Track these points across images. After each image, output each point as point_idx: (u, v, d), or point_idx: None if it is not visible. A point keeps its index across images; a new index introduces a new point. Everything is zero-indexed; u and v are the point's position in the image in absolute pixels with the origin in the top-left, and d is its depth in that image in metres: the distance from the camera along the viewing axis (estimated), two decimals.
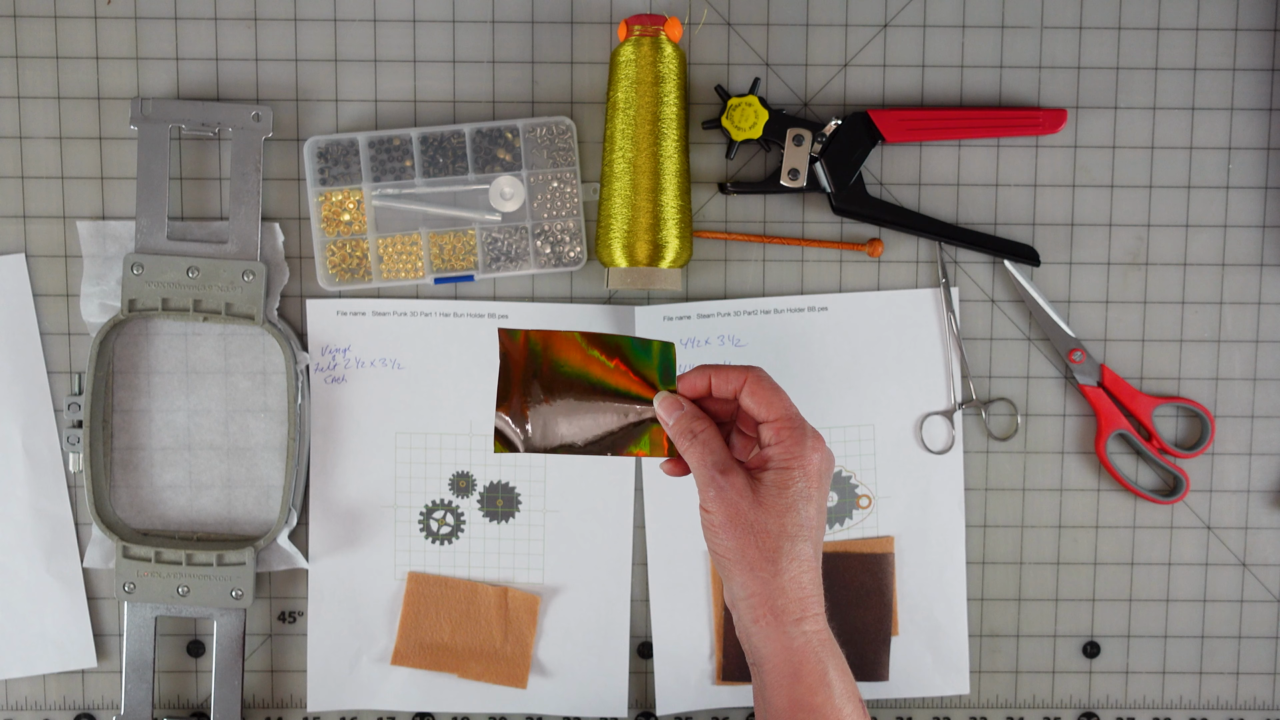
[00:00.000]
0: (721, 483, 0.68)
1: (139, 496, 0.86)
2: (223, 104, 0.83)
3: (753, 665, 0.70)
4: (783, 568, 0.68)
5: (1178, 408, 0.87)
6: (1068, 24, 0.84)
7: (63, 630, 0.85)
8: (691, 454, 0.70)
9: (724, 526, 0.68)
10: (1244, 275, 0.86)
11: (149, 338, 0.85)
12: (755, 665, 0.70)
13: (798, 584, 0.68)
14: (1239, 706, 0.88)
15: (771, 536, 0.67)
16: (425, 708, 0.86)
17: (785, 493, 0.68)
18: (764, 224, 0.85)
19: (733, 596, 0.70)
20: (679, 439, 0.71)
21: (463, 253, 0.84)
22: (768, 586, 0.68)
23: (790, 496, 0.68)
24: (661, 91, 0.80)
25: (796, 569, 0.68)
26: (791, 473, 0.68)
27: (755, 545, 0.67)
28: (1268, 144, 0.85)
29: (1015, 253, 0.84)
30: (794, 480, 0.68)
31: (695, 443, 0.70)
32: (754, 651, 0.70)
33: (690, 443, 0.70)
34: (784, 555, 0.68)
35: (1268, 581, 0.87)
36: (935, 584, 0.86)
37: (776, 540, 0.67)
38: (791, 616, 0.68)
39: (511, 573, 0.86)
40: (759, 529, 0.67)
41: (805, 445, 0.69)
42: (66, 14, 0.83)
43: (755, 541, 0.67)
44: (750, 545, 0.67)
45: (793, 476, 0.68)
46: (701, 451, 0.69)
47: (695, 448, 0.70)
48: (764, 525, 0.67)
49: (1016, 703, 0.88)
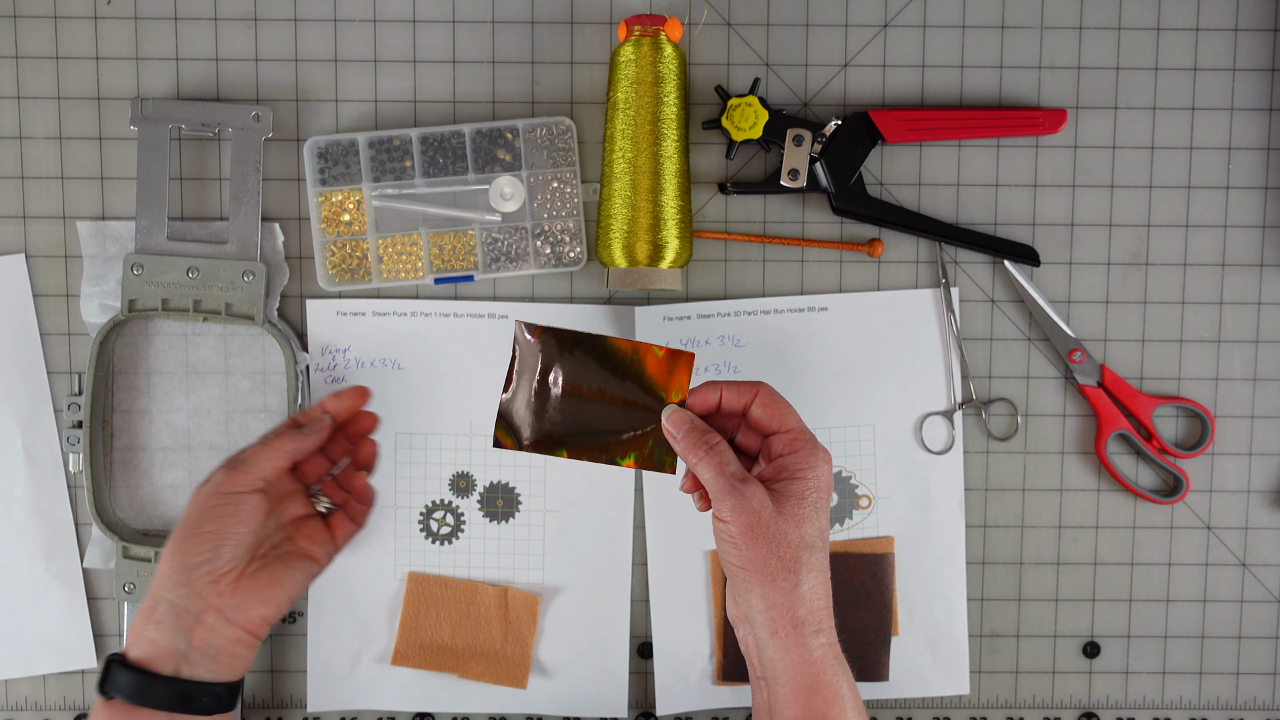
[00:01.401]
0: (743, 491, 0.67)
1: (139, 497, 0.86)
2: (223, 104, 0.83)
3: (761, 679, 0.69)
4: (803, 578, 0.67)
5: (1178, 408, 0.87)
6: (1068, 24, 0.84)
7: (63, 630, 0.85)
8: (708, 465, 0.69)
9: (744, 536, 0.67)
10: (1244, 275, 0.86)
11: (149, 338, 0.85)
12: (766, 679, 0.69)
13: (815, 594, 0.68)
14: (1239, 707, 0.88)
15: (791, 546, 0.67)
16: (425, 708, 0.86)
17: (803, 502, 0.68)
18: (764, 224, 0.85)
19: (749, 609, 0.68)
20: (690, 453, 0.70)
21: (463, 253, 0.84)
22: (789, 597, 0.67)
23: (807, 506, 0.68)
24: (661, 92, 0.80)
25: (815, 579, 0.68)
26: (807, 482, 0.68)
27: (776, 555, 0.67)
28: (1268, 144, 0.85)
29: (1015, 253, 0.84)
30: (810, 489, 0.68)
31: (711, 454, 0.69)
32: (768, 664, 0.68)
33: (706, 454, 0.69)
34: (804, 565, 0.67)
35: (1268, 581, 0.87)
36: (935, 584, 0.86)
37: (796, 550, 0.67)
38: (811, 628, 0.67)
39: (511, 573, 0.86)
40: (779, 538, 0.67)
41: (818, 455, 0.69)
42: (66, 14, 0.83)
43: (776, 551, 0.67)
44: (771, 555, 0.67)
45: (809, 485, 0.68)
46: (719, 462, 0.68)
47: (712, 459, 0.69)
48: (784, 535, 0.67)
49: (1016, 703, 0.88)
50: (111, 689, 0.68)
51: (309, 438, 0.74)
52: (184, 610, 0.69)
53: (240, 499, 0.70)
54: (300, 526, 0.75)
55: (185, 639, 0.69)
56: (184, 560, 0.69)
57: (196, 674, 0.69)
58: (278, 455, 0.72)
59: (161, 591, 0.70)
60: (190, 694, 0.68)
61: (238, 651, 0.71)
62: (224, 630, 0.69)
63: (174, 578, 0.70)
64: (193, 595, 0.69)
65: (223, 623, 0.69)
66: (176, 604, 0.69)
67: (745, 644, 0.70)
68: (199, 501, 0.71)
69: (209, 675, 0.69)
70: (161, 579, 0.70)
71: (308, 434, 0.74)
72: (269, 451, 0.72)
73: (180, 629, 0.69)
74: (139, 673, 0.68)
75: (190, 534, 0.70)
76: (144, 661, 0.69)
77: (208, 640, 0.69)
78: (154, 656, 0.69)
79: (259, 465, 0.72)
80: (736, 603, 0.70)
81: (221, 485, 0.71)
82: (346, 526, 0.78)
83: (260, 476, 0.71)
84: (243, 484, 0.71)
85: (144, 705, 0.68)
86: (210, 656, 0.69)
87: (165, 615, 0.69)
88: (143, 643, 0.69)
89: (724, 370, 0.85)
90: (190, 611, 0.69)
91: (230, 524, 0.70)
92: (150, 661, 0.69)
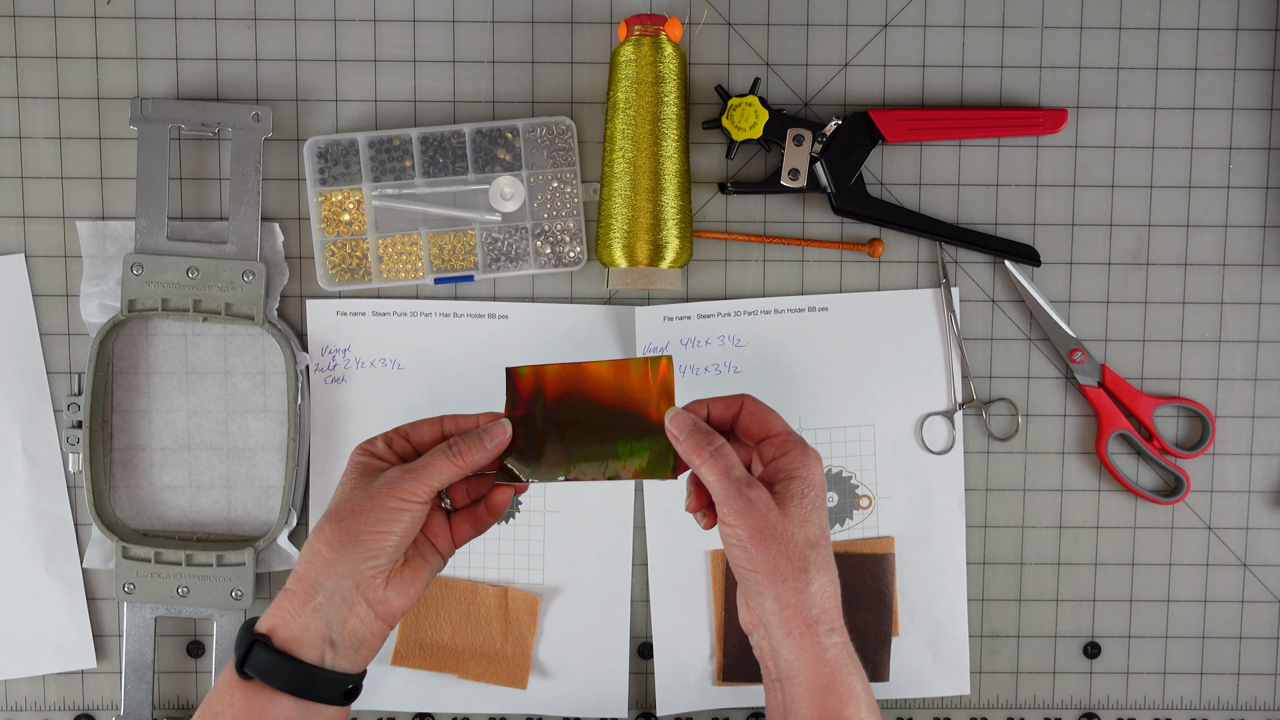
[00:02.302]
0: (749, 494, 0.67)
1: (139, 497, 0.86)
2: (223, 104, 0.83)
3: (775, 681, 0.69)
4: (813, 576, 0.67)
5: (1178, 408, 0.87)
6: (1068, 24, 0.84)
7: (62, 630, 0.85)
8: (713, 468, 0.68)
9: (752, 539, 0.66)
10: (1244, 275, 0.86)
11: (149, 338, 0.85)
12: (781, 680, 0.68)
13: (825, 593, 0.67)
14: (1239, 707, 0.88)
15: (799, 546, 0.67)
16: (425, 708, 0.86)
17: (803, 501, 0.68)
18: (764, 224, 0.85)
19: (763, 612, 0.68)
20: (695, 454, 0.69)
21: (463, 253, 0.84)
22: (801, 597, 0.67)
23: (808, 504, 0.68)
24: (661, 91, 0.80)
25: (825, 577, 0.67)
26: (804, 481, 0.68)
27: (785, 556, 0.66)
28: (1268, 144, 0.85)
29: (1016, 253, 0.84)
30: (807, 488, 0.68)
31: (716, 457, 0.68)
32: (784, 665, 0.68)
33: (711, 457, 0.68)
34: (812, 564, 0.67)
35: (1268, 582, 0.87)
36: (935, 584, 0.86)
37: (803, 549, 0.67)
38: (824, 627, 0.67)
39: (511, 573, 0.86)
40: (787, 539, 0.67)
41: (809, 455, 0.69)
42: (66, 14, 0.83)
43: (785, 552, 0.66)
44: (781, 557, 0.66)
45: (806, 484, 0.68)
46: (724, 466, 0.68)
47: (717, 462, 0.68)
48: (790, 534, 0.67)
49: (1017, 703, 0.88)
50: (252, 669, 0.67)
51: (483, 454, 0.72)
52: (342, 600, 0.68)
53: (416, 508, 0.69)
54: (429, 523, 0.73)
55: (338, 628, 0.68)
56: (355, 554, 0.68)
57: (338, 664, 0.68)
58: (456, 471, 0.70)
59: (322, 578, 0.68)
60: (332, 683, 0.67)
61: (375, 644, 0.70)
62: (371, 623, 0.69)
63: (340, 568, 0.68)
64: (353, 587, 0.68)
65: (371, 615, 0.68)
66: (336, 593, 0.67)
67: (760, 649, 0.70)
68: (372, 495, 0.69)
69: (347, 665, 0.68)
70: (324, 565, 0.68)
71: (484, 449, 0.72)
72: (450, 467, 0.70)
73: (336, 618, 0.68)
74: (283, 656, 0.67)
75: (363, 530, 0.68)
76: (289, 645, 0.67)
77: (356, 631, 0.68)
78: (302, 642, 0.67)
79: (438, 476, 0.70)
80: (749, 607, 0.70)
81: (402, 490, 0.69)
82: (466, 530, 0.75)
83: (436, 488, 0.70)
84: (420, 494, 0.69)
85: (280, 688, 0.66)
86: (354, 647, 0.68)
87: (324, 602, 0.68)
88: (293, 626, 0.67)
89: (724, 370, 0.85)
90: (347, 601, 0.68)
91: (403, 529, 0.68)
92: (297, 646, 0.67)
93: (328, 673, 0.67)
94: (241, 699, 0.67)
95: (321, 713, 0.67)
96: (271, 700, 0.66)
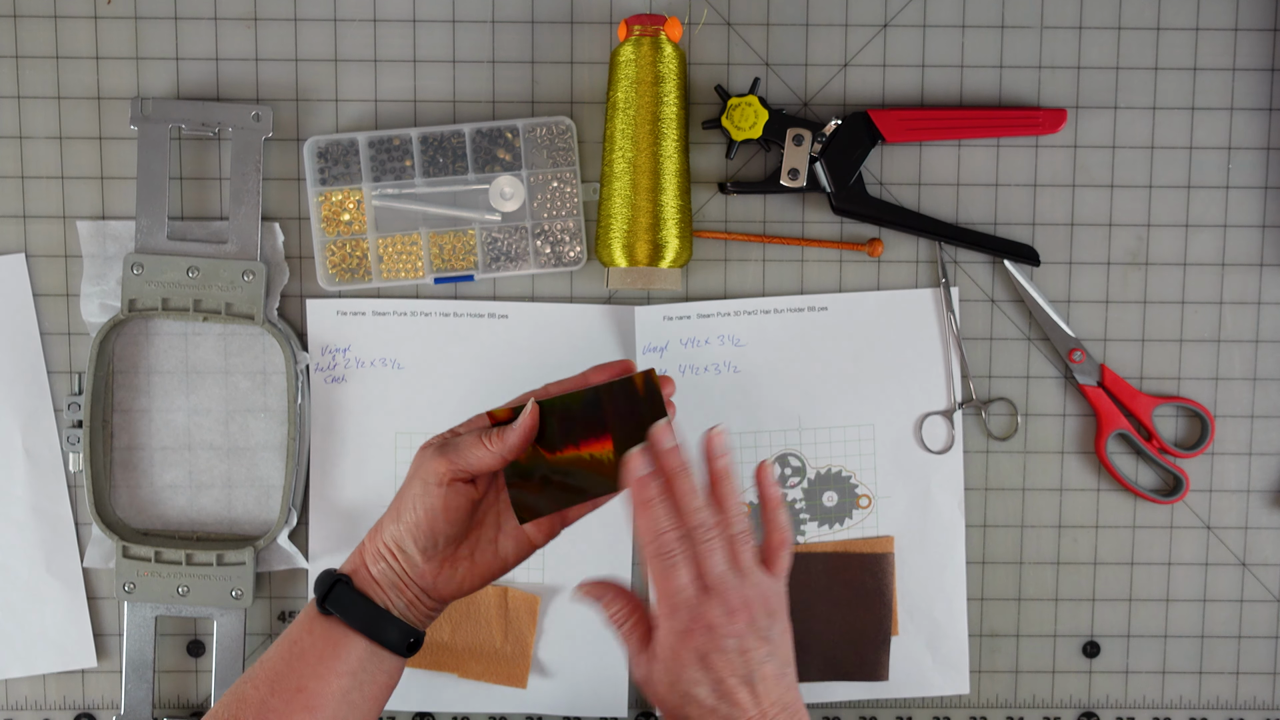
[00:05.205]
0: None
1: (139, 496, 0.86)
2: (223, 104, 0.83)
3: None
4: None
5: (1178, 408, 0.87)
6: (1068, 24, 0.84)
7: (63, 630, 0.85)
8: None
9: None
10: (1244, 275, 0.86)
11: (149, 338, 0.85)
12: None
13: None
14: (1239, 706, 0.88)
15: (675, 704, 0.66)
16: (425, 708, 0.86)
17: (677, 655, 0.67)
18: (764, 224, 0.85)
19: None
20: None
21: (463, 253, 0.84)
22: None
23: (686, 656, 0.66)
24: (661, 91, 0.80)
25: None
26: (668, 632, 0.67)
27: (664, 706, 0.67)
28: (1268, 144, 0.85)
29: (1015, 253, 0.84)
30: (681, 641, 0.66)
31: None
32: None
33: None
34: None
35: (1268, 581, 0.87)
36: (935, 584, 0.86)
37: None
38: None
39: (511, 573, 0.86)
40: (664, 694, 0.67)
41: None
42: (66, 14, 0.83)
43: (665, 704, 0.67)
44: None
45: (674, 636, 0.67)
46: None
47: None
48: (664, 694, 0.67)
49: (1016, 703, 0.88)
50: (333, 605, 0.68)
51: (513, 435, 0.70)
52: (396, 578, 0.70)
53: (439, 490, 0.69)
54: (497, 521, 0.73)
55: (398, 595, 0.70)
56: (392, 528, 0.70)
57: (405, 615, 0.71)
58: (485, 454, 0.69)
59: (379, 546, 0.70)
60: (398, 629, 0.69)
61: (432, 616, 0.72)
62: (425, 599, 0.71)
63: (382, 536, 0.70)
64: (403, 565, 0.70)
65: (423, 594, 0.71)
66: (387, 572, 0.70)
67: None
68: (409, 476, 0.71)
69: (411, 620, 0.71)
70: (379, 530, 0.71)
71: (515, 433, 0.70)
72: (479, 448, 0.70)
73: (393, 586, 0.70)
74: (361, 596, 0.69)
75: (401, 506, 0.70)
76: (365, 588, 0.69)
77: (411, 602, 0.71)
78: (373, 589, 0.70)
79: (464, 457, 0.69)
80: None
81: (425, 472, 0.69)
82: (538, 535, 0.74)
83: (462, 468, 0.69)
84: (443, 474, 0.69)
85: (354, 627, 0.69)
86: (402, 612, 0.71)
87: (382, 574, 0.70)
88: (367, 575, 0.70)
89: (723, 370, 0.85)
90: (401, 579, 0.70)
91: (427, 506, 0.69)
92: (371, 591, 0.69)
93: (395, 619, 0.69)
94: (321, 631, 0.69)
95: (382, 664, 0.69)
96: (346, 637, 0.69)
